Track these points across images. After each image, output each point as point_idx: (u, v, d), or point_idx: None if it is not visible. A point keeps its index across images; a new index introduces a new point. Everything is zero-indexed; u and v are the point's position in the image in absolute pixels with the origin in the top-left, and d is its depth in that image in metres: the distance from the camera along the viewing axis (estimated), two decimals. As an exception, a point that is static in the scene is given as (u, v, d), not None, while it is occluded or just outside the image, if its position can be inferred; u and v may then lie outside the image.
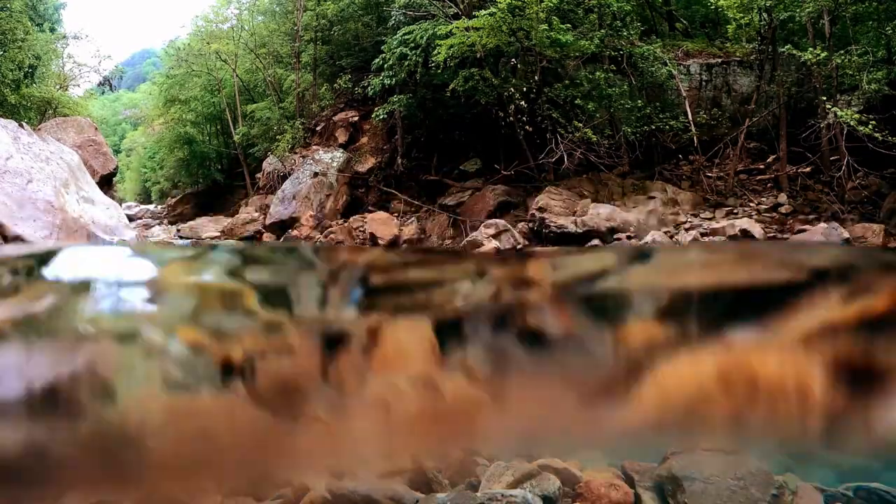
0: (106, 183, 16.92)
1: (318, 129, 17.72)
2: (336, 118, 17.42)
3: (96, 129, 18.65)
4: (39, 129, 14.85)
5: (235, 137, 21.77)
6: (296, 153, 16.94)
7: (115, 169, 18.64)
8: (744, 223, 10.34)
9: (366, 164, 16.22)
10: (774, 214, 11.25)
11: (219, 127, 26.65)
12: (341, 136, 17.02)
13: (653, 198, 12.04)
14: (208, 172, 27.03)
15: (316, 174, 15.61)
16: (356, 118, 17.21)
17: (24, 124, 11.84)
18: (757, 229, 10.19)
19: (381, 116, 14.65)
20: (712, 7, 13.49)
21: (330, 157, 16.10)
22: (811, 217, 10.90)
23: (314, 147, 16.88)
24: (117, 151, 35.42)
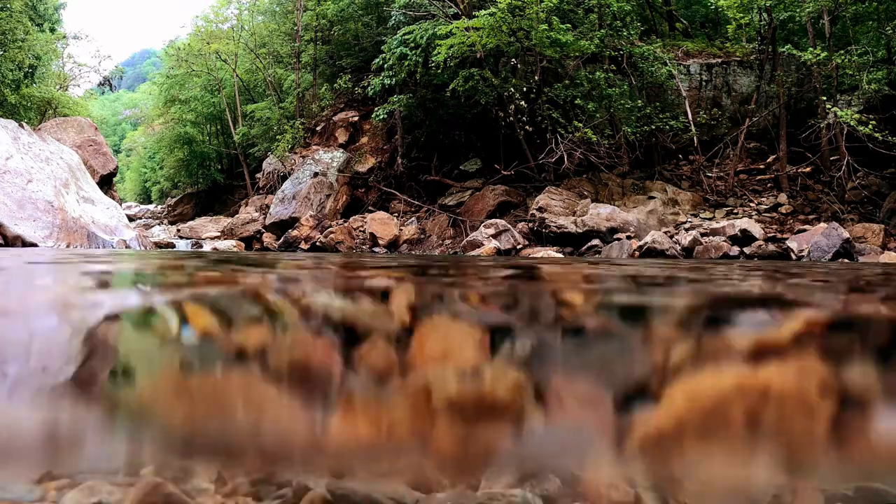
0: (106, 183, 16.90)
1: (318, 129, 17.72)
2: (336, 118, 17.42)
3: (96, 129, 18.62)
4: (39, 129, 14.85)
5: (235, 137, 21.78)
6: (296, 153, 16.94)
7: (115, 169, 18.60)
8: (744, 223, 10.34)
9: (366, 164, 16.22)
10: (774, 214, 11.26)
11: (219, 127, 26.67)
12: (341, 136, 17.02)
13: (653, 198, 12.05)
14: (208, 172, 27.06)
15: (316, 174, 15.61)
16: (356, 118, 17.21)
17: (24, 124, 11.83)
18: (757, 229, 10.19)
19: (381, 116, 14.65)
20: (712, 7, 13.51)
21: (330, 157, 16.10)
22: (811, 217, 10.91)
23: (314, 147, 16.87)
24: (117, 151, 35.45)
